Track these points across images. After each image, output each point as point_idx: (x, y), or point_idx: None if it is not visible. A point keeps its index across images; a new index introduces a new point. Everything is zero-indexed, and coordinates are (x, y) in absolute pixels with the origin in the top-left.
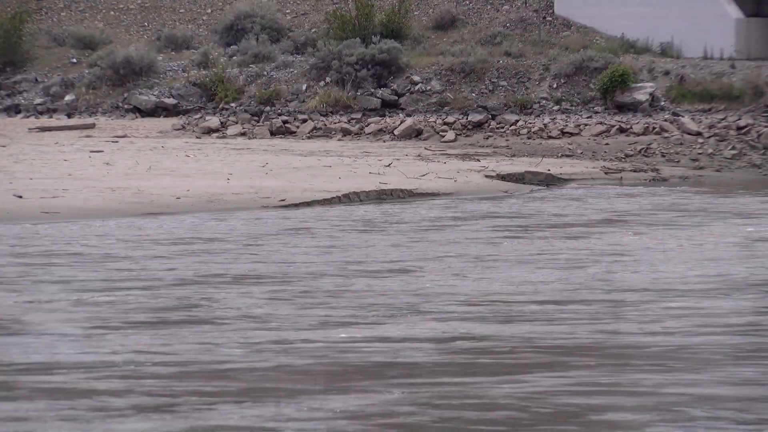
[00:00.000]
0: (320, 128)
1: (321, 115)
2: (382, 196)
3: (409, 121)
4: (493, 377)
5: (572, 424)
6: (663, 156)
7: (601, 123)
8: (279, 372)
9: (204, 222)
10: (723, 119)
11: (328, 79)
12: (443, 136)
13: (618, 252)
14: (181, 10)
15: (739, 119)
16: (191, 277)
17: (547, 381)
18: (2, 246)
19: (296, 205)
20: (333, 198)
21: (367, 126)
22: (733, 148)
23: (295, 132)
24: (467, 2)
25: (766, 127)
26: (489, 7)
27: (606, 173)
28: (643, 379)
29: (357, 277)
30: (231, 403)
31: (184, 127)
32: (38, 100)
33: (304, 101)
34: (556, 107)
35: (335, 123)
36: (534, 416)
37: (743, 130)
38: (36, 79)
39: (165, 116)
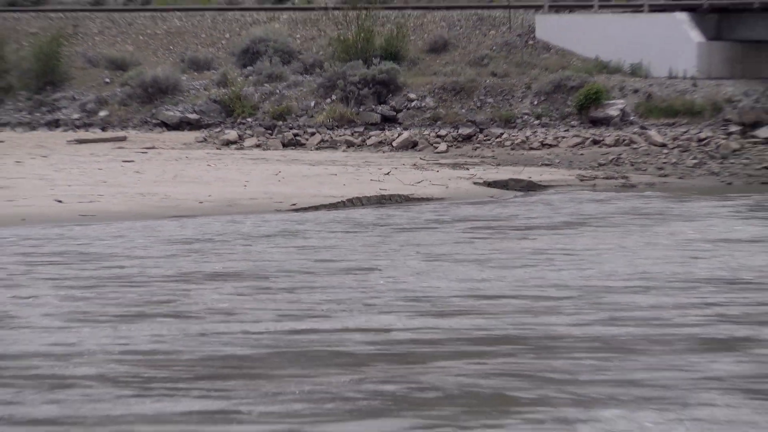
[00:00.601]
0: (327, 140)
1: (327, 128)
2: (381, 200)
3: (405, 134)
4: (424, 364)
5: (489, 404)
6: (632, 165)
7: (576, 136)
8: (233, 359)
9: (221, 224)
10: (685, 132)
11: (333, 97)
12: (436, 148)
13: (565, 252)
14: (202, 35)
15: (700, 132)
16: (177, 275)
17: (471, 367)
18: (16, 247)
19: (305, 209)
20: (338, 202)
21: (368, 138)
22: (695, 158)
23: (304, 144)
24: (458, 28)
25: (723, 139)
26: (477, 32)
27: (581, 180)
28: (559, 365)
29: (323, 275)
30: (195, 389)
31: (205, 140)
32: (75, 116)
33: (312, 116)
34: (536, 121)
35: (340, 136)
36: (457, 396)
37: (703, 142)
38: (73, 97)
39: (189, 130)
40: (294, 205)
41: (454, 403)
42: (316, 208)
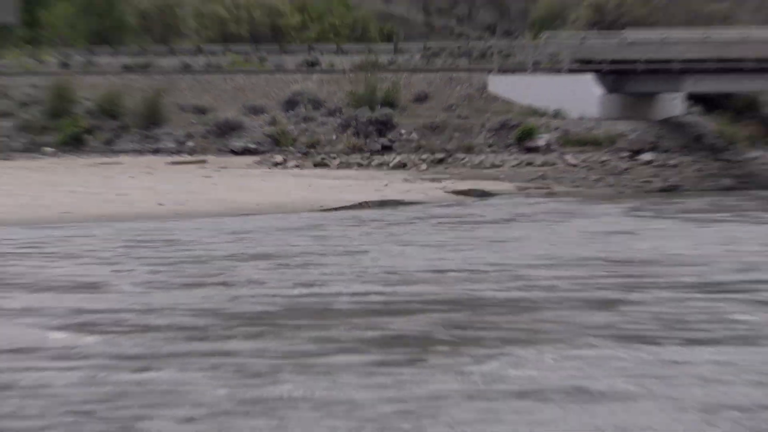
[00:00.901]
0: (344, 162)
1: (344, 154)
2: (382, 204)
3: (398, 158)
4: (393, 317)
5: (438, 343)
6: (554, 179)
7: (516, 159)
8: (261, 314)
9: (270, 220)
10: (591, 156)
11: (348, 132)
12: (419, 167)
13: (500, 239)
14: (258, 90)
15: (601, 157)
16: (229, 255)
17: (426, 316)
18: (126, 235)
19: (329, 210)
20: (352, 205)
21: (372, 161)
22: (597, 174)
23: (328, 165)
24: (435, 84)
25: (617, 161)
26: (448, 87)
27: (518, 190)
28: (486, 317)
29: (329, 256)
30: (235, 334)
31: (260, 162)
32: (171, 145)
33: (334, 145)
34: (488, 149)
35: (353, 159)
36: (415, 337)
37: (603, 163)
38: (170, 132)
39: (249, 155)
40: (322, 206)
41: (412, 343)
42: (336, 209)
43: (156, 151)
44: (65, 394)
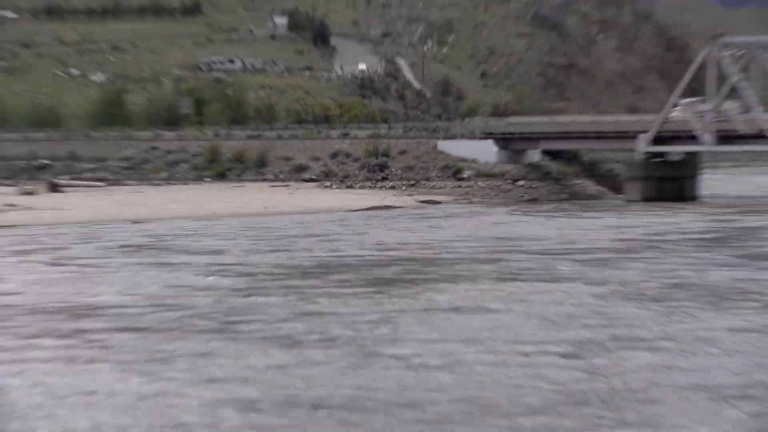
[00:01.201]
0: (362, 186)
1: (362, 181)
2: (380, 208)
3: (390, 184)
4: (382, 268)
5: (399, 280)
6: (472, 195)
7: (452, 184)
8: (306, 267)
9: (321, 216)
10: (491, 183)
11: (364, 170)
12: (401, 189)
13: (439, 227)
14: (317, 149)
15: (498, 183)
16: (293, 235)
17: (398, 268)
18: (246, 225)
19: (352, 210)
20: (364, 208)
21: (376, 185)
22: (494, 192)
23: (354, 187)
24: (410, 145)
25: (505, 185)
26: (417, 147)
27: (454, 200)
28: (431, 269)
29: (346, 235)
30: (293, 278)
31: (318, 186)
32: (271, 177)
33: (357, 177)
34: (438, 180)
35: (366, 184)
36: (391, 279)
37: (498, 186)
38: (271, 171)
39: (313, 182)
40: (349, 209)
41: (387, 281)
42: (355, 210)
43: (263, 180)
44: (202, 306)
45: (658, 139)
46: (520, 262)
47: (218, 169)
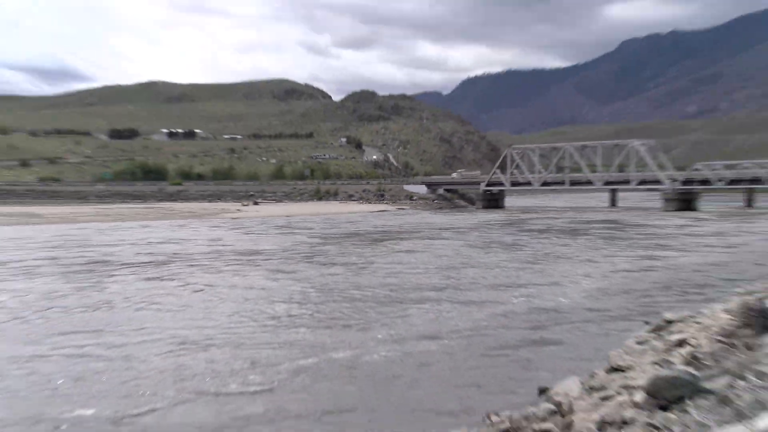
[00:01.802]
0: (373, 202)
1: (374, 200)
2: (380, 210)
3: (385, 201)
4: (375, 235)
5: (381, 240)
6: (417, 205)
7: (409, 202)
8: (345, 236)
9: (351, 216)
10: (424, 201)
11: (374, 195)
12: (390, 203)
13: (402, 221)
14: (350, 188)
15: (427, 201)
16: (340, 221)
17: (381, 235)
18: (318, 219)
19: (366, 212)
20: (373, 210)
21: (380, 201)
22: (427, 205)
23: (370, 202)
24: (392, 188)
25: (430, 201)
26: (396, 188)
27: (410, 207)
28: (401, 235)
29: (362, 221)
30: (343, 242)
31: (352, 201)
32: (338, 199)
33: (371, 198)
34: (404, 199)
35: (374, 201)
36: (375, 239)
37: (426, 201)
38: (339, 198)
39: (353, 200)
40: (365, 211)
41: (378, 240)
42: (368, 212)
43: (335, 201)
44: (300, 250)
45: (489, 184)
46: (429, 232)
47: (319, 196)
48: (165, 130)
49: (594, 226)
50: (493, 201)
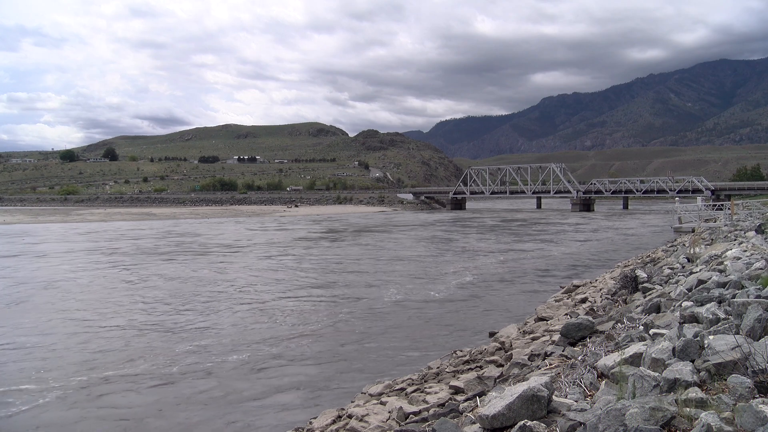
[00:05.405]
0: (377, 206)
1: (377, 204)
2: (381, 212)
3: (385, 204)
4: (375, 227)
5: (374, 230)
6: (407, 208)
7: (401, 205)
8: (356, 227)
9: (364, 215)
10: (412, 205)
11: (377, 200)
12: (388, 206)
13: (392, 219)
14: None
15: (415, 204)
16: (350, 221)
17: (379, 227)
18: (333, 218)
19: (374, 212)
20: (377, 211)
21: (381, 205)
22: (413, 206)
23: (375, 206)
24: (390, 195)
25: (416, 204)
26: (392, 196)
27: (402, 209)
28: (383, 228)
29: (369, 218)
30: (356, 234)
31: (366, 205)
32: (353, 203)
33: (377, 204)
34: (397, 204)
35: (378, 204)
36: (372, 229)
37: (413, 204)
38: (353, 202)
39: (365, 204)
40: (374, 211)
41: (371, 231)
42: (374, 212)
43: (351, 204)
44: (322, 237)
45: (455, 193)
46: (410, 225)
47: (339, 201)
48: (236, 157)
49: (514, 223)
50: (458, 204)
